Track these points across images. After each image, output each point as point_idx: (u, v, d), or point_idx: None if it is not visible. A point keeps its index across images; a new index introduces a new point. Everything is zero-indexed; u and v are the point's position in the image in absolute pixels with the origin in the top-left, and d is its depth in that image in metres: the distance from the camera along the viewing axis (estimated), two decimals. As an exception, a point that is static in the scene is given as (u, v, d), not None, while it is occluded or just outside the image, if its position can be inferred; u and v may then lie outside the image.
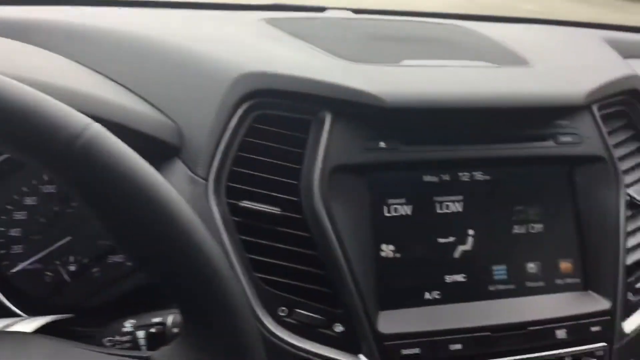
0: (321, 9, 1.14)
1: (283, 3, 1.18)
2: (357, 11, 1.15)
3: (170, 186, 0.46)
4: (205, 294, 0.45)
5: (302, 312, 0.70)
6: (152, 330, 0.59)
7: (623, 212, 0.81)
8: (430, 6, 1.47)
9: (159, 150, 0.71)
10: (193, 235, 0.44)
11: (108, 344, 0.60)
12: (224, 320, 0.46)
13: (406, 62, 0.81)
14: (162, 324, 0.59)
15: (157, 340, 0.59)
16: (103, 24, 0.85)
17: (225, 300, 0.45)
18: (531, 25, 1.22)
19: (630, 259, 0.82)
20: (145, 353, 0.48)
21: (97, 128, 0.43)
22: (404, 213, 0.75)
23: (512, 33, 1.06)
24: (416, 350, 0.71)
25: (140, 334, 0.60)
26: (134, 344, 0.60)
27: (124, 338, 0.60)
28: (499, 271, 0.77)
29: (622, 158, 0.86)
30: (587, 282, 0.80)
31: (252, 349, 0.47)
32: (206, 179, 0.70)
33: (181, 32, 0.84)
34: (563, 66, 0.88)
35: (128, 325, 0.60)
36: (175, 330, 0.59)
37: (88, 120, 0.44)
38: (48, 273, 0.76)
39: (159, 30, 0.84)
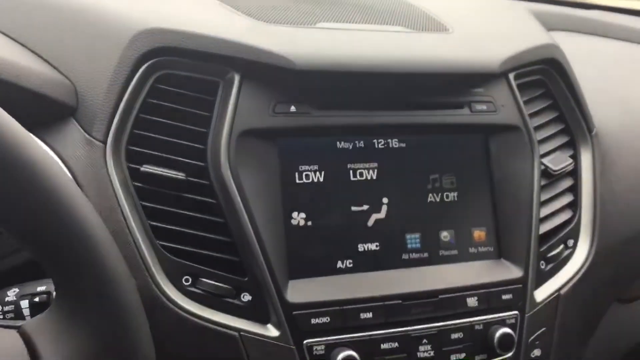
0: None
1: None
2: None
3: (37, 143, 0.42)
4: (76, 260, 0.42)
5: (208, 281, 0.68)
6: (36, 299, 0.55)
7: (537, 181, 0.81)
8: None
9: (52, 110, 0.66)
10: (61, 195, 0.41)
11: (-10, 314, 0.56)
12: (97, 288, 0.43)
13: (321, 24, 0.78)
14: (48, 292, 0.56)
15: (41, 309, 0.55)
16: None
17: (96, 265, 0.42)
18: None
19: (543, 229, 0.83)
20: (16, 322, 0.45)
21: None
22: (315, 180, 0.73)
23: (438, 1, 1.04)
24: (325, 319, 0.70)
25: (24, 303, 0.56)
26: (18, 314, 0.56)
27: (7, 308, 0.56)
28: (413, 240, 0.77)
29: (538, 127, 0.85)
30: (501, 251, 0.80)
31: (130, 318, 0.44)
32: (104, 142, 0.66)
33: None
34: (482, 34, 0.87)
35: (11, 294, 0.56)
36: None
37: None
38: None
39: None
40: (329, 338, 0.70)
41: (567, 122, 0.89)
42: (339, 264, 0.73)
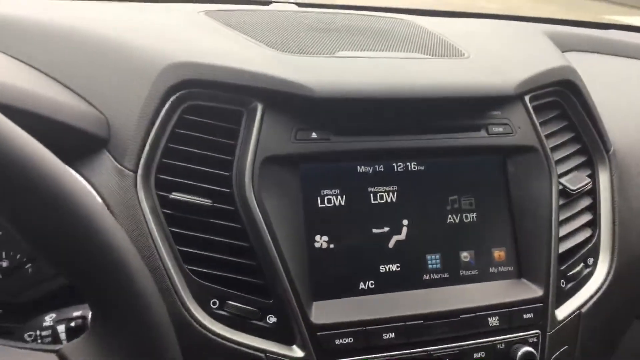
0: (266, 3, 1.13)
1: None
2: (301, 5, 1.15)
3: (73, 176, 0.45)
4: (111, 285, 0.44)
5: (235, 303, 0.70)
6: (72, 324, 0.58)
7: (555, 201, 0.83)
8: (391, 3, 1.47)
9: (86, 142, 0.70)
10: (95, 224, 0.44)
11: (29, 339, 0.59)
12: (132, 312, 0.45)
13: (340, 53, 0.81)
14: (83, 317, 0.58)
15: (78, 334, 0.58)
16: (30, 12, 0.83)
17: (132, 292, 0.45)
18: (476, 20, 1.23)
19: (563, 247, 0.84)
20: (55, 346, 0.47)
21: None
22: (337, 204, 0.75)
23: (454, 27, 1.07)
24: (349, 340, 0.71)
25: (61, 328, 0.58)
26: (55, 338, 0.59)
27: (45, 333, 0.59)
28: (433, 260, 0.78)
29: (555, 148, 0.87)
30: (521, 271, 0.81)
31: (162, 341, 0.46)
32: (135, 171, 0.69)
33: (113, 23, 0.83)
34: (497, 58, 0.89)
35: (48, 319, 0.59)
36: (97, 323, 0.58)
37: None
38: (-21, 270, 0.74)
39: (89, 20, 0.82)
40: (352, 358, 0.71)
41: (584, 142, 0.90)
42: (362, 285, 0.75)
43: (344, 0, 1.39)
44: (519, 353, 0.76)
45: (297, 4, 1.14)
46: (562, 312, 0.82)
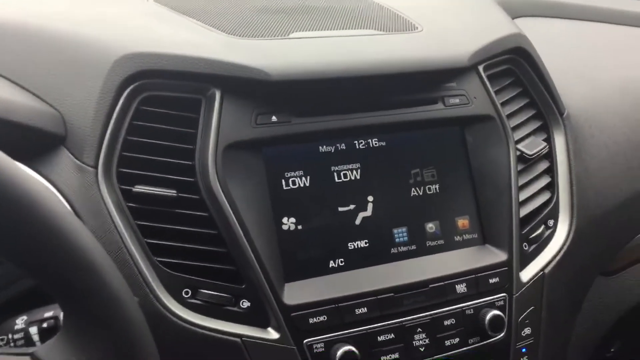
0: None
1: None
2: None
3: (33, 177, 0.44)
4: (79, 283, 0.44)
5: (207, 291, 0.70)
6: (45, 325, 0.58)
7: (514, 167, 0.85)
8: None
9: (42, 140, 0.68)
10: (59, 225, 0.43)
11: (1, 343, 0.59)
12: (103, 309, 0.45)
13: (294, 34, 0.81)
14: (55, 317, 0.58)
15: (50, 334, 0.58)
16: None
17: (100, 289, 0.45)
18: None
19: (523, 212, 0.86)
20: (28, 349, 0.47)
21: None
22: (302, 185, 0.76)
23: (408, 0, 1.07)
24: (323, 318, 0.72)
25: (33, 329, 0.58)
26: (28, 341, 0.58)
27: (17, 336, 0.58)
28: (400, 234, 0.80)
29: (511, 115, 0.89)
30: (485, 237, 0.84)
31: (136, 335, 0.47)
32: (95, 167, 0.68)
33: (61, 15, 0.81)
34: (450, 29, 0.90)
35: (20, 322, 0.59)
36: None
37: None
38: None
39: (38, 14, 0.80)
40: (327, 335, 0.72)
41: (539, 107, 0.93)
42: (332, 264, 0.76)
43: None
44: (488, 317, 0.79)
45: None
46: (527, 274, 0.85)
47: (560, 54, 1.07)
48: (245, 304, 0.71)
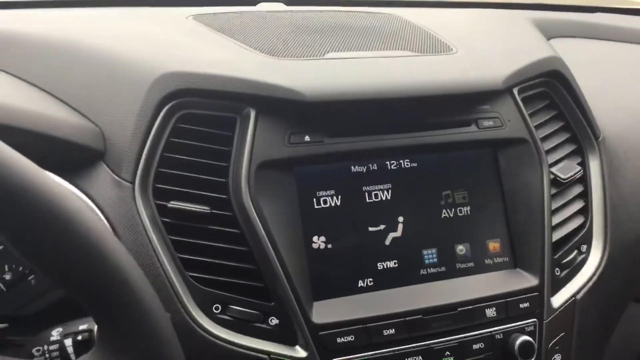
0: (253, 3, 1.14)
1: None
2: (289, 2, 1.15)
3: (74, 195, 0.46)
4: (115, 300, 0.46)
5: (237, 307, 0.71)
6: (79, 337, 0.59)
7: (547, 190, 0.84)
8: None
9: (82, 155, 0.70)
10: (96, 243, 0.45)
11: (37, 353, 0.60)
12: (137, 326, 0.46)
13: (329, 55, 0.82)
14: (89, 330, 0.59)
15: (85, 347, 0.59)
16: (23, 26, 0.83)
17: (134, 306, 0.46)
18: (461, 10, 1.24)
19: (556, 236, 0.85)
20: (63, 364, 0.48)
21: None
22: (333, 204, 0.76)
23: (441, 19, 1.08)
24: (351, 338, 0.73)
25: (68, 342, 0.60)
26: (63, 352, 0.60)
27: (52, 347, 0.60)
28: (429, 255, 0.79)
29: (545, 138, 0.88)
30: (516, 261, 0.83)
31: (165, 348, 0.48)
32: (132, 182, 0.70)
33: (103, 32, 0.83)
34: (484, 51, 0.90)
35: (55, 333, 0.60)
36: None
37: None
38: (-18, 284, 0.75)
39: (81, 32, 0.83)
40: (354, 356, 0.73)
41: (574, 131, 0.92)
42: (360, 283, 0.76)
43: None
44: (517, 342, 0.78)
45: (285, 2, 1.14)
46: (558, 299, 0.84)
47: (596, 76, 1.06)
48: (274, 321, 0.72)
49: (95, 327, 0.60)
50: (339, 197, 0.77)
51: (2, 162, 0.43)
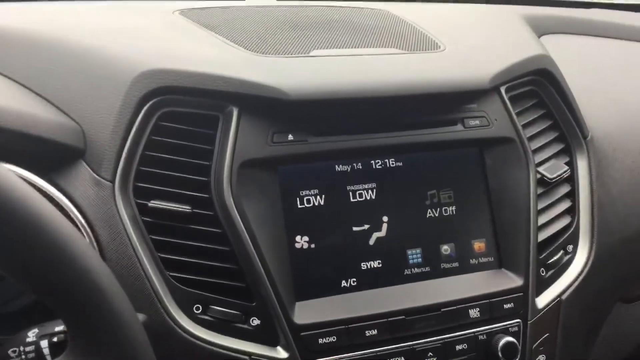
0: (242, -3, 1.13)
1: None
2: (279, -2, 1.14)
3: (44, 199, 0.45)
4: (85, 304, 0.45)
5: (218, 308, 0.71)
6: (55, 339, 0.58)
7: (533, 190, 0.83)
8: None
9: (62, 153, 0.69)
10: (66, 245, 0.44)
11: (13, 354, 0.60)
12: (107, 329, 0.46)
13: (314, 52, 0.81)
14: (65, 332, 0.59)
15: (61, 348, 0.58)
16: (1, 19, 0.82)
17: (104, 309, 0.45)
18: (452, 5, 1.23)
19: (542, 236, 0.85)
20: (37, 366, 0.48)
21: None
22: (316, 204, 0.76)
23: (430, 14, 1.07)
24: (332, 339, 0.72)
25: (44, 343, 0.59)
26: (39, 354, 0.59)
27: (28, 348, 0.59)
28: (414, 255, 0.79)
29: (533, 137, 0.88)
30: (501, 261, 0.83)
31: (137, 350, 0.47)
32: (112, 181, 0.69)
33: (85, 26, 0.82)
34: (472, 49, 0.89)
35: (31, 334, 0.59)
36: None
37: None
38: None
39: (63, 26, 0.81)
40: (336, 356, 0.72)
41: (562, 130, 0.91)
42: (344, 283, 0.76)
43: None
44: (501, 343, 0.78)
45: (274, -4, 1.13)
46: (543, 300, 0.83)
47: (586, 73, 1.06)
48: (255, 321, 0.71)
49: (71, 329, 0.59)
50: (323, 196, 0.76)
51: None
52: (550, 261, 0.85)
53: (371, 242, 0.78)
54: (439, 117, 0.81)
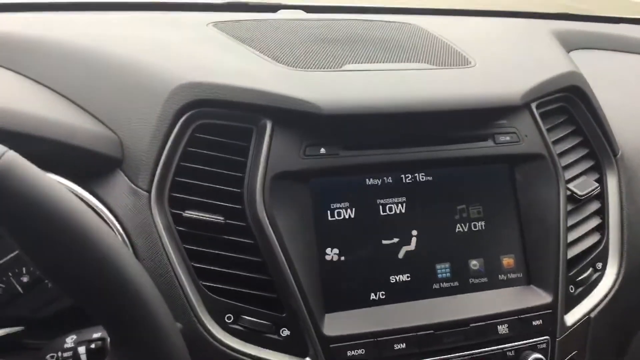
0: (273, 9, 1.14)
1: (236, 1, 1.18)
2: (309, 10, 1.15)
3: (90, 211, 0.46)
4: (130, 315, 0.46)
5: (249, 318, 0.72)
6: (92, 346, 0.60)
7: (563, 207, 0.83)
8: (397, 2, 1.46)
9: (100, 163, 0.71)
10: (112, 258, 0.45)
11: (51, 359, 0.61)
12: (146, 336, 0.47)
13: (347, 66, 0.82)
14: (103, 339, 0.60)
15: (98, 355, 0.60)
16: (42, 31, 0.84)
17: (148, 319, 0.47)
18: (482, 19, 1.23)
19: (571, 253, 0.84)
20: (77, 372, 0.49)
21: (11, 156, 0.44)
22: (347, 217, 0.76)
23: (460, 29, 1.07)
24: (361, 351, 0.73)
25: (81, 349, 0.60)
26: (76, 360, 0.60)
27: (66, 354, 0.60)
28: (443, 269, 0.79)
29: (563, 154, 0.88)
30: (530, 277, 0.82)
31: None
32: (148, 191, 0.71)
33: (123, 39, 0.84)
34: (503, 65, 0.89)
35: (69, 340, 0.61)
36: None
37: (2, 148, 0.44)
38: (1, 285, 0.76)
39: (101, 38, 0.83)
40: (365, 369, 0.73)
41: (592, 147, 0.91)
42: (373, 296, 0.76)
43: (349, 1, 1.38)
44: (529, 360, 0.77)
45: (305, 9, 1.14)
46: (571, 317, 0.83)
47: (617, 90, 1.05)
48: (285, 332, 0.72)
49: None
50: (353, 209, 0.77)
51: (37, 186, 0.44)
52: (580, 278, 0.85)
53: (400, 255, 0.78)
54: (469, 133, 0.81)
